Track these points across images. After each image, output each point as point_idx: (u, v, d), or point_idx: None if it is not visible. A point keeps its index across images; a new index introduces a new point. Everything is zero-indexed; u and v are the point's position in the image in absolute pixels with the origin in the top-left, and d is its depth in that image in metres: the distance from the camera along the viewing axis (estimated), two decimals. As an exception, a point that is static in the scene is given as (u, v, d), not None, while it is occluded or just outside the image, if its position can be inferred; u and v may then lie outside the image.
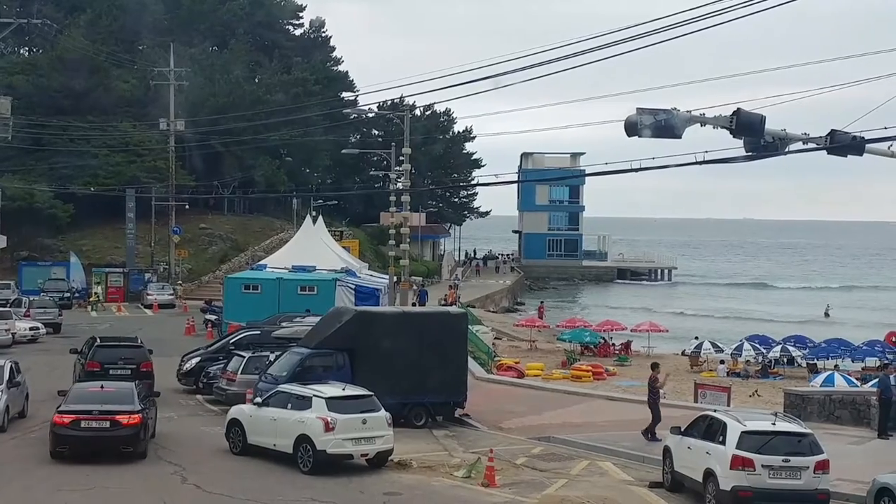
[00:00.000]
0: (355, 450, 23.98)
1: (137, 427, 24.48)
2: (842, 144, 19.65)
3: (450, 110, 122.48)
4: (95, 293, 70.36)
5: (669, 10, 21.72)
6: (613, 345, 61.64)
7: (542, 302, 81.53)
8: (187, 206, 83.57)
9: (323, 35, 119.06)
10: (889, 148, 20.01)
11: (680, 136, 19.74)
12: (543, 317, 72.70)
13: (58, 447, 24.36)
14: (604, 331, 63.25)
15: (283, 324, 40.27)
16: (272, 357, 31.41)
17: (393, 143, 58.06)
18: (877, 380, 33.63)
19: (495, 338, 60.27)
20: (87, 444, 24.29)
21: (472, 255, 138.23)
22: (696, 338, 61.21)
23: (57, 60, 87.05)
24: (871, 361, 55.09)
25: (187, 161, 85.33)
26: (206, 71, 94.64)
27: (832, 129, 19.79)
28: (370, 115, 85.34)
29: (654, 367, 30.88)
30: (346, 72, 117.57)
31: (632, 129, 19.63)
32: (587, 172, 70.01)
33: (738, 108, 19.27)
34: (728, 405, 34.97)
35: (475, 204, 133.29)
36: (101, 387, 26.03)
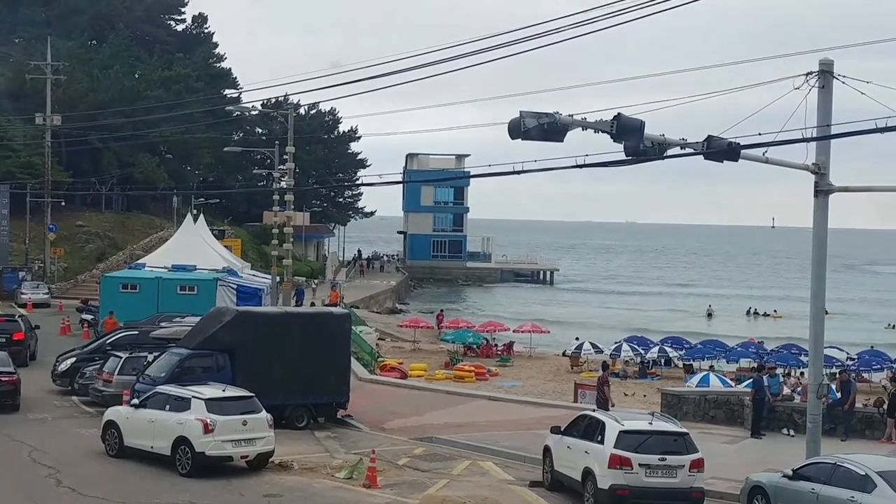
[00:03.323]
0: (235, 451, 23.74)
1: (16, 385, 30.80)
2: (718, 150, 20.07)
3: (335, 110, 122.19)
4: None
5: (557, 14, 21.93)
6: (496, 346, 62.11)
7: (441, 310, 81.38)
8: (63, 203, 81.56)
9: (205, 31, 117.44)
10: (763, 154, 20.54)
11: (562, 140, 19.93)
12: (443, 325, 72.65)
13: None
14: (487, 332, 63.72)
15: (162, 324, 39.59)
16: (150, 358, 30.90)
17: (277, 142, 57.45)
18: (751, 380, 34.52)
19: (379, 338, 60.24)
20: None
21: (358, 255, 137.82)
22: (577, 338, 62.05)
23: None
24: (746, 362, 56.60)
25: (64, 157, 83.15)
26: (85, 65, 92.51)
27: (709, 135, 20.21)
28: (253, 112, 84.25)
29: (605, 367, 31.92)
30: (229, 69, 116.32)
31: (515, 131, 19.75)
32: (471, 174, 70.51)
33: (619, 113, 19.53)
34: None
35: (360, 204, 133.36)
36: None
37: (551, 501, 22.42)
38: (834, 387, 32.90)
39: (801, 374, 47.08)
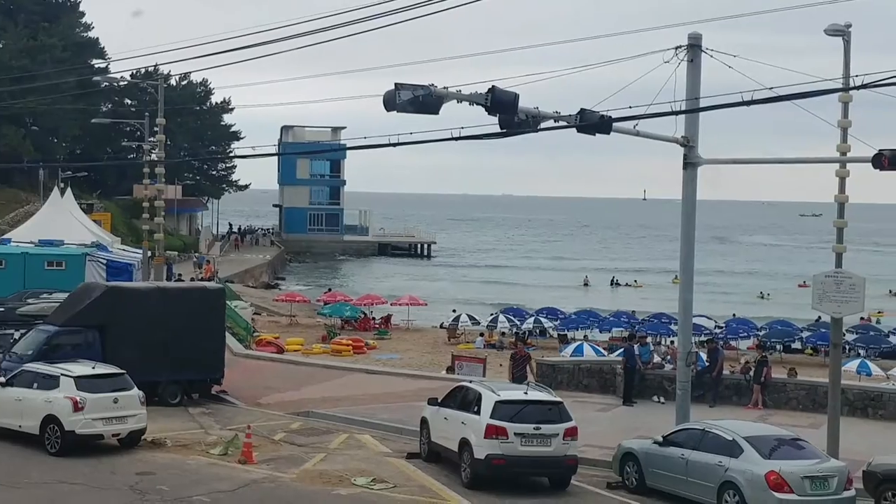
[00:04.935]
0: (106, 430, 23.36)
1: None
2: (590, 123, 20.35)
3: (207, 80, 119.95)
4: None
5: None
6: (373, 319, 62.06)
7: (329, 289, 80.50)
8: (-77, 177, 78.53)
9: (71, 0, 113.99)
10: (634, 126, 20.89)
11: (437, 112, 19.93)
12: (319, 298, 72.00)
13: None
14: (364, 305, 63.58)
15: (29, 300, 38.56)
16: (17, 335, 30.10)
17: (147, 113, 56.20)
18: (622, 350, 35.20)
19: (255, 313, 59.59)
20: None
21: (237, 228, 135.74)
22: (454, 310, 62.40)
23: None
24: (618, 332, 57.66)
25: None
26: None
27: (582, 108, 20.47)
28: (122, 83, 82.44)
29: (523, 341, 32.51)
30: (97, 38, 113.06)
31: (390, 103, 19.68)
32: (347, 146, 70.21)
33: (493, 86, 19.62)
34: (483, 376, 35.84)
35: (234, 177, 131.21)
36: None
37: (428, 472, 22.53)
38: (703, 355, 33.75)
39: (671, 342, 48.17)
